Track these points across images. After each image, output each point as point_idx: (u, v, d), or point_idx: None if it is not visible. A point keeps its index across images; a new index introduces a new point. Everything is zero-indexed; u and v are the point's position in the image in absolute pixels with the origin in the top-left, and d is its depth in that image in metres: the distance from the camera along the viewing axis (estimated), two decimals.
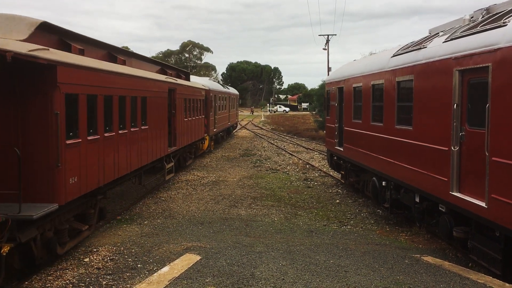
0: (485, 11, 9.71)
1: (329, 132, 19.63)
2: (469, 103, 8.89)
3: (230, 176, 21.21)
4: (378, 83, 13.44)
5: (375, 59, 14.76)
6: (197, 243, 10.56)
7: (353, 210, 14.89)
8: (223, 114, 35.01)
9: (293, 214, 14.27)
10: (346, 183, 18.27)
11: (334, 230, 12.53)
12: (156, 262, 9.31)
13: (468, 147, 8.86)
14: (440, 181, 9.63)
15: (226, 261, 8.63)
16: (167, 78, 17.58)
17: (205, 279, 7.58)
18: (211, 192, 17.40)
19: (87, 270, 9.00)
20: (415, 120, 10.94)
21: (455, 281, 7.64)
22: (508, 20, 7.99)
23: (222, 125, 33.95)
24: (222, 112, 33.89)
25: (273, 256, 9.04)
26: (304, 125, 57.00)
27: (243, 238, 11.18)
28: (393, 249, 10.34)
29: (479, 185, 8.36)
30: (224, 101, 35.59)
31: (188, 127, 21.27)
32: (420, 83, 10.68)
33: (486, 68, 8.11)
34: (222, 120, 33.97)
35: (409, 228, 12.59)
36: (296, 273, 7.97)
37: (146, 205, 15.19)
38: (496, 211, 7.75)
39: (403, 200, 12.12)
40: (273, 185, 19.06)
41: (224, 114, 35.71)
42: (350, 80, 16.32)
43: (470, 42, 8.80)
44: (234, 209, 14.81)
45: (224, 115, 35.44)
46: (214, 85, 32.61)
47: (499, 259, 7.98)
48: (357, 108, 15.49)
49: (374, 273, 8.10)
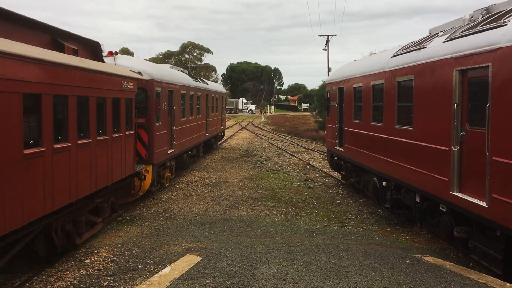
0: (485, 11, 9.71)
1: (330, 132, 19.62)
2: (470, 103, 8.89)
3: (230, 176, 21.21)
4: (378, 83, 13.44)
5: (375, 59, 14.76)
6: (198, 244, 10.56)
7: (354, 211, 14.89)
8: (196, 122, 23.02)
9: (294, 214, 14.27)
10: (346, 184, 18.26)
11: (335, 230, 12.53)
12: (157, 263, 9.31)
13: (469, 147, 8.86)
14: (441, 181, 9.62)
15: (227, 261, 8.63)
16: None
17: (206, 280, 7.58)
18: (212, 193, 17.40)
19: (88, 271, 9.00)
20: (416, 120, 10.94)
21: (456, 281, 7.63)
22: (508, 19, 7.99)
23: (192, 139, 22.17)
24: (192, 119, 22.20)
25: (274, 257, 9.04)
26: (304, 125, 57.02)
27: (244, 239, 11.18)
28: (394, 249, 10.34)
29: (479, 185, 8.36)
30: (199, 102, 23.92)
31: (78, 163, 9.54)
32: (420, 83, 10.68)
33: (486, 67, 8.11)
34: (192, 131, 22.18)
35: (410, 228, 12.58)
36: (297, 273, 7.97)
37: (147, 206, 15.19)
38: (497, 211, 7.75)
39: (403, 200, 12.12)
40: (274, 185, 19.06)
41: (198, 122, 23.56)
42: (350, 80, 16.32)
43: (470, 42, 8.80)
44: (235, 209, 14.80)
45: (196, 124, 23.22)
46: (169, 73, 19.06)
47: (500, 259, 7.97)
48: (358, 108, 15.49)
49: (375, 273, 8.10)
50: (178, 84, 19.18)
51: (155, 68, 16.81)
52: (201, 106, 24.66)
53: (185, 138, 20.46)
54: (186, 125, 20.70)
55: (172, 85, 18.07)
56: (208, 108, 27.08)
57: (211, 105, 28.43)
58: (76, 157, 9.33)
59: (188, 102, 21.17)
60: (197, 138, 23.62)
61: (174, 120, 18.21)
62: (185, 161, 21.31)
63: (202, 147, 26.33)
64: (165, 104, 16.94)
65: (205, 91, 25.97)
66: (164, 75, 17.40)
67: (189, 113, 21.54)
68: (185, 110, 20.49)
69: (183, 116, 20.06)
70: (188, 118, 21.14)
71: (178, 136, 18.94)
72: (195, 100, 22.87)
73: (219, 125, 31.91)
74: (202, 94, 24.92)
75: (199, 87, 24.28)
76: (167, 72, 18.53)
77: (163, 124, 16.64)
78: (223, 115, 34.59)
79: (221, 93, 33.35)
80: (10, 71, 7.00)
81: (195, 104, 22.88)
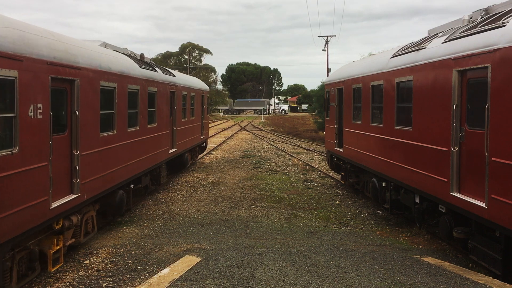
0: (484, 12, 9.71)
1: (329, 133, 19.63)
2: (469, 104, 8.90)
3: (230, 177, 21.21)
4: (378, 84, 13.45)
5: (375, 60, 14.77)
6: (197, 245, 10.55)
7: (353, 211, 14.89)
8: (146, 135, 14.46)
9: (293, 215, 14.27)
10: (346, 184, 18.27)
11: (334, 231, 12.53)
12: (156, 264, 9.31)
13: (468, 147, 8.86)
14: (440, 182, 9.63)
15: (226, 262, 8.63)
16: None
17: (205, 280, 7.58)
18: (211, 194, 17.40)
19: (87, 272, 9.00)
20: (415, 121, 10.95)
21: (455, 281, 7.64)
22: (507, 20, 7.99)
23: (136, 164, 13.49)
24: (136, 131, 13.50)
25: (273, 258, 9.04)
26: (303, 126, 57.06)
27: (243, 240, 11.18)
28: (393, 250, 10.34)
29: (479, 186, 8.36)
30: (153, 102, 15.43)
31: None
32: (420, 84, 10.69)
33: (485, 68, 8.12)
34: (139, 148, 13.78)
35: (409, 228, 12.59)
36: (296, 274, 7.97)
37: (146, 207, 15.18)
38: (496, 212, 7.75)
39: (403, 200, 12.13)
40: (273, 186, 19.06)
41: (152, 135, 15.16)
42: (349, 81, 16.32)
43: (469, 42, 8.81)
44: (234, 210, 14.80)
45: (149, 138, 14.85)
46: (58, 45, 8.87)
47: (499, 259, 7.98)
48: (357, 109, 15.50)
49: (375, 274, 8.10)
50: (91, 69, 10.15)
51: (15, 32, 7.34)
52: (158, 109, 15.86)
53: (114, 167, 11.61)
54: (116, 144, 11.70)
55: (71, 69, 9.16)
56: (175, 112, 18.41)
57: (184, 107, 20.21)
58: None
59: (122, 103, 12.18)
60: (150, 160, 15.00)
61: (77, 135, 9.48)
62: (121, 204, 12.30)
63: (165, 168, 18.32)
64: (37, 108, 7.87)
65: (167, 85, 17.21)
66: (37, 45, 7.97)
67: (130, 120, 12.91)
68: (113, 118, 11.65)
69: (107, 128, 11.24)
70: (120, 131, 12.00)
71: (94, 166, 10.35)
72: (141, 99, 13.82)
73: (197, 134, 23.60)
74: (161, 90, 16.18)
75: (154, 78, 15.46)
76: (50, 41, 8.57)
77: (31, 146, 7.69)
78: (205, 120, 26.12)
79: (199, 90, 24.25)
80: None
81: (141, 105, 13.85)
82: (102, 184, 10.93)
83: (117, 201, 12.12)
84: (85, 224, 10.52)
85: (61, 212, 8.81)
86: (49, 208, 8.33)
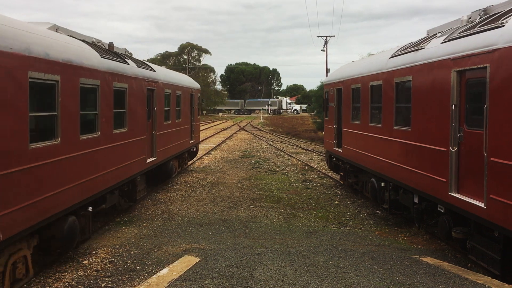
0: (483, 12, 9.72)
1: (328, 133, 19.63)
2: (467, 104, 8.90)
3: (229, 177, 21.21)
4: (377, 84, 13.45)
5: (374, 60, 14.77)
6: (196, 245, 10.55)
7: (352, 211, 14.89)
8: (116, 142, 11.90)
9: (292, 215, 14.27)
10: (345, 184, 18.27)
11: (333, 231, 12.53)
12: (155, 264, 9.30)
13: (467, 147, 8.87)
14: (439, 182, 9.63)
15: (225, 262, 8.63)
16: None
17: (204, 280, 7.58)
18: (210, 194, 17.40)
19: (86, 272, 8.99)
20: (414, 121, 10.96)
21: (454, 281, 7.64)
22: (505, 20, 8.00)
23: (101, 178, 10.83)
24: (100, 137, 10.81)
25: (272, 258, 9.04)
26: (302, 126, 57.09)
27: (242, 240, 11.18)
28: (392, 250, 10.35)
29: (477, 186, 8.37)
30: (122, 101, 12.47)
31: None
32: (418, 84, 10.70)
33: (484, 68, 8.12)
34: (104, 160, 11.03)
35: (408, 228, 12.59)
36: (295, 274, 7.97)
37: (145, 207, 15.18)
38: (495, 212, 7.76)
39: (402, 200, 12.13)
40: (272, 186, 19.06)
41: (125, 141, 12.57)
42: (348, 81, 16.33)
43: (468, 42, 8.82)
44: (233, 210, 14.80)
45: (120, 145, 12.14)
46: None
47: (498, 259, 7.99)
48: (356, 109, 15.51)
49: (374, 274, 8.10)
50: (11, 53, 7.13)
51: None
52: (129, 110, 12.87)
53: (57, 187, 8.70)
54: (59, 157, 8.73)
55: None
56: (156, 114, 15.85)
57: (168, 107, 17.65)
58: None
59: (71, 102, 9.22)
60: (118, 173, 12.14)
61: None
62: (72, 235, 9.29)
63: (143, 181, 15.65)
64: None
65: (143, 81, 14.30)
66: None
67: (85, 124, 10.10)
68: (55, 122, 8.69)
69: (44, 137, 8.33)
70: (66, 139, 9.00)
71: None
72: (102, 98, 10.89)
73: (185, 139, 21.04)
74: (133, 87, 13.28)
75: (124, 72, 12.52)
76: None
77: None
78: (195, 122, 23.45)
79: (187, 88, 21.34)
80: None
81: (102, 105, 10.93)
82: (36, 214, 7.88)
83: (66, 231, 8.97)
84: (13, 268, 7.66)
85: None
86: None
